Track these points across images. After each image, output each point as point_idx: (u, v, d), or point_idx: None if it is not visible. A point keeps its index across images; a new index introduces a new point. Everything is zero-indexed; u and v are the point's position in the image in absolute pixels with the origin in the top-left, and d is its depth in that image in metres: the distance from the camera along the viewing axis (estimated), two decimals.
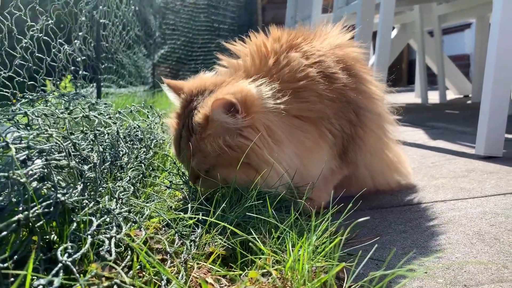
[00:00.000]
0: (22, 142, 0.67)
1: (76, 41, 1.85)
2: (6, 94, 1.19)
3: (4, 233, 0.56)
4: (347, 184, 1.26)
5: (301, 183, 1.11)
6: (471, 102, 4.22)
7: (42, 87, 1.47)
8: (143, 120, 1.39)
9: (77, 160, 0.76)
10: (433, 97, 4.58)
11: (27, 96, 1.25)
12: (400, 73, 9.13)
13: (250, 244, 0.67)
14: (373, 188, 1.34)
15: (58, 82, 1.74)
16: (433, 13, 4.19)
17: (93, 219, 0.63)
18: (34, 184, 0.64)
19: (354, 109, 1.15)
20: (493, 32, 1.78)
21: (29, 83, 1.33)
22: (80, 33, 1.92)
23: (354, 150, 1.18)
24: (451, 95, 4.99)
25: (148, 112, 1.50)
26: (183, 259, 0.68)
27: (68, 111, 1.04)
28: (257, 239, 0.72)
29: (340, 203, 1.17)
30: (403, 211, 1.18)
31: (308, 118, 1.09)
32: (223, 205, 0.85)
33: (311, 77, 1.09)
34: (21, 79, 1.26)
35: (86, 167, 0.73)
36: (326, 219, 0.83)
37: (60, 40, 1.58)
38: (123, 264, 0.57)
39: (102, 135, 0.97)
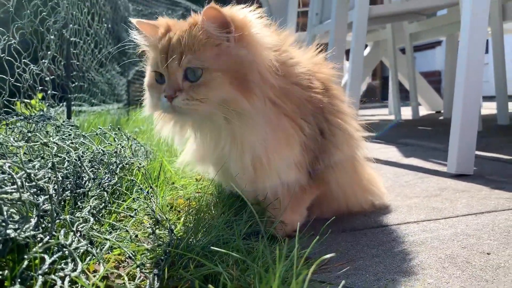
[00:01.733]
0: None
1: (43, 60, 1.80)
2: None
3: None
4: (318, 204, 1.25)
5: (259, 176, 1.09)
6: (443, 118, 4.30)
7: (6, 109, 1.42)
8: (109, 143, 1.34)
9: (33, 191, 0.72)
10: (406, 113, 4.65)
11: None
12: (373, 90, 9.31)
13: (216, 276, 0.64)
14: (346, 209, 1.31)
15: (29, 102, 1.69)
16: (404, 31, 4.29)
17: (46, 256, 0.59)
18: None
19: (326, 123, 1.15)
20: (462, 51, 1.82)
21: None
22: (48, 52, 1.87)
23: (325, 166, 1.17)
24: (423, 111, 5.09)
25: (115, 134, 1.45)
26: None
27: (26, 138, 1.00)
28: (224, 272, 0.69)
29: (312, 224, 1.16)
30: (376, 233, 1.17)
31: (285, 109, 1.07)
32: (190, 233, 0.82)
33: (297, 78, 1.10)
34: None
35: (41, 199, 0.69)
36: (296, 246, 0.81)
37: (24, 60, 1.53)
38: None
39: (62, 162, 0.92)
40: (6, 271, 0.63)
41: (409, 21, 4.14)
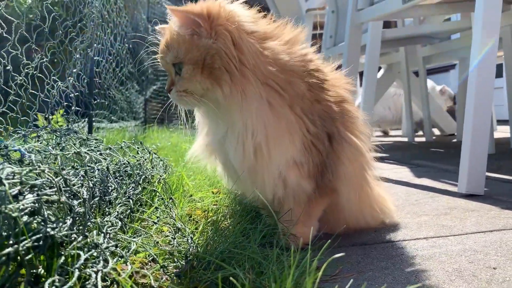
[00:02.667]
0: (15, 177, 0.69)
1: (69, 77, 1.90)
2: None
3: None
4: (326, 220, 1.27)
5: (259, 166, 1.10)
6: (456, 141, 4.31)
7: (34, 122, 1.51)
8: (132, 156, 1.42)
9: (67, 195, 0.79)
10: (420, 135, 4.68)
11: (19, 132, 1.28)
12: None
13: (231, 278, 0.69)
14: (353, 226, 1.32)
15: (50, 117, 1.78)
16: (417, 55, 4.35)
17: (81, 253, 0.65)
18: (25, 218, 0.66)
19: (336, 130, 1.16)
20: (472, 73, 1.87)
21: (22, 118, 1.37)
22: (74, 70, 1.97)
23: (332, 175, 1.18)
24: (437, 133, 5.10)
25: (138, 148, 1.53)
26: None
27: (60, 147, 1.07)
28: (241, 274, 0.74)
29: (324, 238, 1.20)
30: (386, 248, 1.21)
31: (288, 100, 1.09)
32: (208, 240, 0.88)
33: (306, 74, 1.12)
34: (15, 115, 1.29)
35: (76, 202, 0.76)
36: (308, 252, 0.85)
37: (54, 77, 1.62)
38: None
39: (92, 171, 1.00)
40: (41, 269, 0.69)
41: (422, 44, 4.20)
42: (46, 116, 1.68)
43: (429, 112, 4.46)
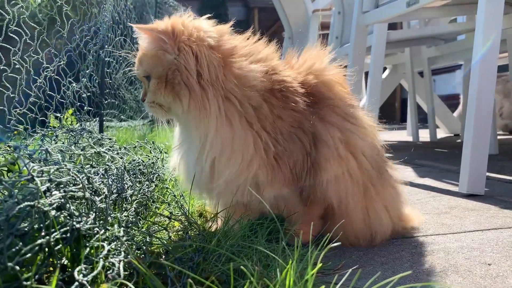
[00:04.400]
0: (43, 175, 0.76)
1: (83, 78, 1.97)
2: (20, 129, 1.29)
3: (28, 255, 0.65)
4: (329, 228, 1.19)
5: (214, 180, 1.11)
6: (460, 141, 4.35)
7: (48, 124, 1.58)
8: (145, 155, 1.49)
9: (89, 192, 0.85)
10: (425, 135, 4.72)
11: (38, 132, 1.36)
12: (393, 112, 9.35)
13: (243, 268, 0.75)
14: (360, 234, 1.25)
15: (62, 116, 1.85)
16: (422, 56, 4.39)
17: (105, 244, 0.72)
18: (53, 212, 0.72)
19: (316, 133, 1.15)
20: (474, 73, 1.92)
21: (40, 118, 1.44)
22: (87, 71, 2.04)
23: (313, 180, 1.15)
24: (442, 133, 5.14)
25: (150, 147, 1.60)
26: (182, 282, 0.76)
27: (81, 147, 1.15)
28: (249, 266, 0.81)
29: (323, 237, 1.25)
30: (386, 245, 1.26)
31: (242, 114, 1.09)
32: (218, 235, 0.94)
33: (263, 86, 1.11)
34: (34, 115, 1.37)
35: (97, 198, 0.82)
36: (310, 248, 0.91)
37: (69, 78, 1.70)
38: (133, 281, 0.65)
39: (110, 169, 1.06)
40: (64, 259, 0.75)
41: (427, 45, 4.24)
42: (57, 115, 1.75)
43: (434, 112, 4.50)
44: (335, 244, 0.95)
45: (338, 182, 1.16)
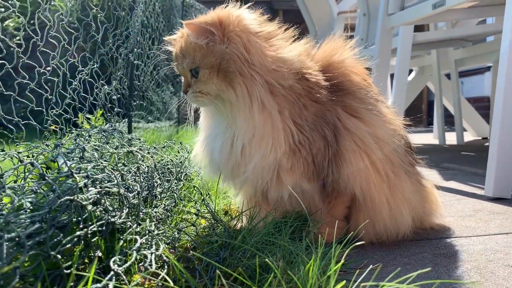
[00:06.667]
0: (81, 172, 0.81)
1: (114, 81, 2.05)
2: (56, 129, 1.36)
3: (68, 245, 0.70)
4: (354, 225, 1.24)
5: (242, 165, 1.15)
6: (488, 144, 4.26)
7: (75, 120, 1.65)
8: (174, 155, 1.54)
9: (123, 189, 0.90)
10: (451, 138, 4.65)
11: (73, 132, 1.42)
12: (420, 114, 9.21)
13: (268, 261, 0.78)
14: (384, 230, 1.26)
15: (92, 116, 1.93)
16: (449, 57, 4.33)
17: (138, 237, 0.76)
18: (90, 207, 0.77)
19: (336, 124, 1.18)
20: (501, 75, 1.89)
21: (74, 119, 1.51)
22: (118, 73, 2.12)
23: (333, 173, 1.18)
24: (469, 136, 5.05)
25: (178, 147, 1.66)
26: (209, 276, 0.80)
27: (115, 147, 1.20)
28: (273, 262, 0.84)
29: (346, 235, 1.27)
30: (409, 246, 1.27)
31: (276, 98, 1.14)
32: (244, 231, 0.98)
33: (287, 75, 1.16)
34: (68, 116, 1.44)
35: (130, 195, 0.87)
36: (333, 246, 0.94)
37: (102, 81, 1.77)
38: (164, 272, 0.69)
39: (141, 168, 1.11)
40: (98, 251, 0.80)
41: (454, 47, 4.18)
42: (88, 117, 1.83)
43: (461, 115, 4.43)
44: (359, 243, 0.98)
45: (360, 174, 1.18)
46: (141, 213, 0.90)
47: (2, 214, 0.68)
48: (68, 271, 0.67)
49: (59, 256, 0.66)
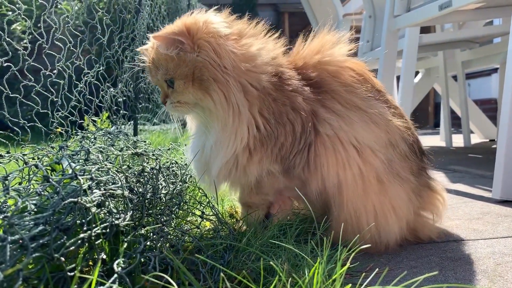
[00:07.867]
0: (85, 174, 0.81)
1: (120, 83, 2.05)
2: (62, 131, 1.37)
3: (72, 248, 0.70)
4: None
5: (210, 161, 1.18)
6: (495, 147, 4.23)
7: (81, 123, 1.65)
8: (180, 157, 1.54)
9: (127, 191, 0.90)
10: (458, 140, 4.61)
11: (78, 134, 1.43)
12: (427, 116, 9.17)
13: (272, 263, 0.78)
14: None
15: (98, 119, 1.93)
16: (456, 59, 4.30)
17: (141, 240, 0.76)
18: (94, 209, 0.77)
19: (314, 120, 1.18)
20: (508, 77, 1.87)
21: (79, 121, 1.51)
22: (123, 76, 2.12)
23: (304, 170, 1.18)
24: (476, 139, 5.01)
25: (183, 149, 1.65)
26: (213, 278, 0.79)
27: (119, 149, 1.21)
28: (278, 264, 0.83)
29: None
30: (416, 249, 1.26)
31: (247, 96, 1.14)
32: (248, 234, 0.97)
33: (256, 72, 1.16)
34: (74, 119, 1.44)
35: (135, 197, 0.87)
36: (339, 248, 0.93)
37: (107, 83, 1.77)
38: (168, 275, 0.69)
39: (146, 170, 1.11)
40: (102, 253, 0.80)
41: (461, 49, 4.16)
42: (94, 119, 1.83)
43: (468, 117, 4.39)
44: (365, 246, 0.97)
45: (334, 173, 1.16)
46: (145, 215, 0.89)
47: (6, 216, 0.68)
48: (72, 273, 0.67)
49: (63, 259, 0.66)
